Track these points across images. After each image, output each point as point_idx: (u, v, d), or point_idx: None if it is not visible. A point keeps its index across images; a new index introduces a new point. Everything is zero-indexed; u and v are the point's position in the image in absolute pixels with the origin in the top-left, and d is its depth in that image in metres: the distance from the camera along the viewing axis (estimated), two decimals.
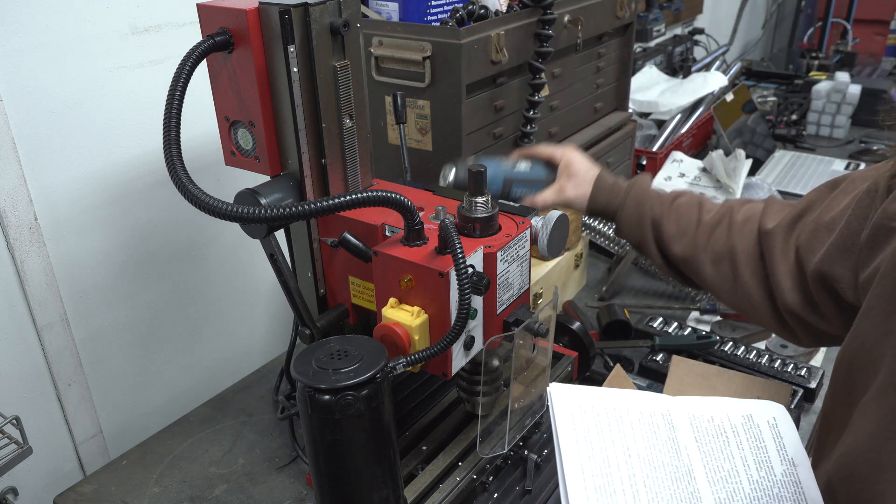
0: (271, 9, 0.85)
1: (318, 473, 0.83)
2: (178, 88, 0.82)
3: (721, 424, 0.88)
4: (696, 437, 0.86)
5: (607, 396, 0.88)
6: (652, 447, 0.84)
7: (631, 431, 0.85)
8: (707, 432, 0.87)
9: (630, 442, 0.84)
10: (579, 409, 0.85)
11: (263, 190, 0.92)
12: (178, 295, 1.38)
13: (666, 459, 0.83)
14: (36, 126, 1.09)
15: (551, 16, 1.40)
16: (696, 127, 2.32)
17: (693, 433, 0.86)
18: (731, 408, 0.90)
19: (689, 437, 0.86)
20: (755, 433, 0.87)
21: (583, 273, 1.63)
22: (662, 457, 0.83)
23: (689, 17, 3.20)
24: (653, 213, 1.12)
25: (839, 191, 0.96)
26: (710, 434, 0.86)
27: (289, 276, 0.99)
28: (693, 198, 1.14)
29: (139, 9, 1.18)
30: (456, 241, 0.82)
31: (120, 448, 1.29)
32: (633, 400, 0.89)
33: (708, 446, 0.85)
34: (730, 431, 0.87)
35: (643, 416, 0.87)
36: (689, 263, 1.10)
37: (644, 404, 0.88)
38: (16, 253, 1.10)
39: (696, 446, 0.85)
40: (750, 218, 1.07)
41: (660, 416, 0.87)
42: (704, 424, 0.87)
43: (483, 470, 1.02)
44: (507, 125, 1.45)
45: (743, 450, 0.85)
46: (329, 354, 0.80)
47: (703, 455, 0.84)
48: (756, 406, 0.90)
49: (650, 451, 0.83)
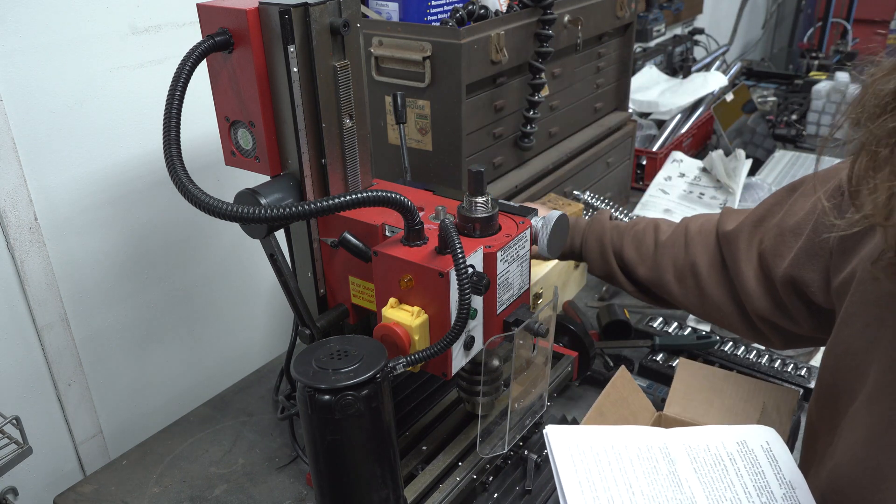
0: (271, 9, 0.85)
1: (318, 473, 0.83)
2: (178, 88, 0.82)
3: (718, 453, 0.90)
4: (696, 469, 0.87)
5: (604, 434, 0.90)
6: (654, 483, 0.85)
7: (631, 468, 0.86)
8: (705, 462, 0.88)
9: (632, 479, 0.85)
10: (578, 449, 0.87)
11: (263, 190, 0.92)
12: (178, 295, 1.38)
13: (669, 494, 0.84)
14: (36, 126, 1.09)
15: (551, 16, 1.40)
16: (696, 127, 2.32)
17: (692, 464, 0.88)
18: (725, 436, 0.92)
19: (689, 469, 0.87)
20: (751, 459, 0.88)
21: (583, 273, 1.63)
22: (665, 491, 0.84)
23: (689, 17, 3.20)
24: (613, 245, 1.17)
25: (799, 194, 0.96)
26: (709, 464, 0.88)
27: (289, 276, 0.99)
28: (650, 222, 1.18)
29: (139, 9, 1.18)
30: (456, 241, 0.82)
31: (120, 448, 1.29)
32: (629, 436, 0.90)
33: (708, 476, 0.87)
34: (727, 460, 0.88)
35: (641, 451, 0.88)
36: (656, 285, 1.12)
37: (641, 439, 0.90)
38: (16, 253, 1.10)
39: (696, 478, 0.86)
40: (705, 227, 1.09)
41: (657, 451, 0.88)
42: (702, 455, 0.89)
43: (483, 470, 1.02)
44: (507, 125, 1.45)
45: (742, 477, 0.86)
46: (329, 354, 0.80)
47: (704, 486, 0.85)
48: (748, 432, 0.92)
49: (652, 486, 0.84)
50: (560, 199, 1.51)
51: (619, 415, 1.07)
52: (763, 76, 3.11)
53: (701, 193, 2.00)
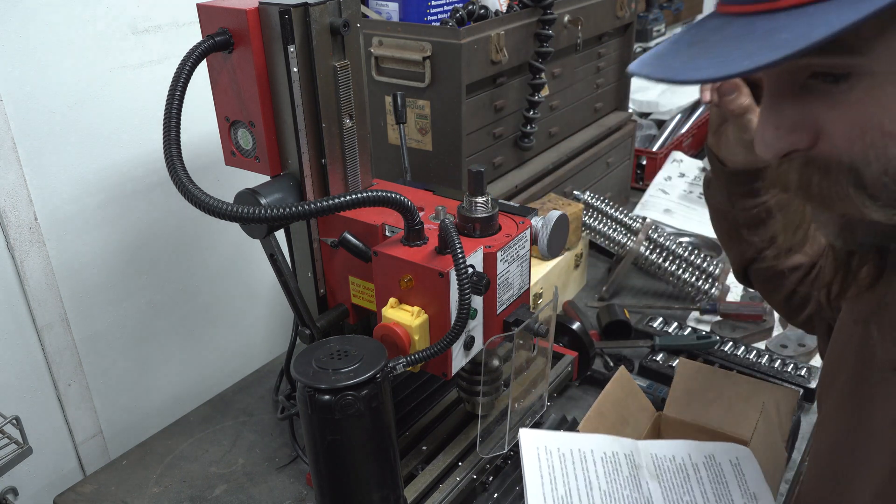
0: (271, 9, 0.85)
1: (318, 473, 0.83)
2: (178, 88, 0.82)
3: (683, 463, 0.91)
4: (658, 475, 0.88)
5: (574, 439, 0.91)
6: (614, 481, 0.86)
7: (594, 468, 0.88)
8: (669, 470, 0.90)
9: (592, 477, 0.86)
10: (545, 450, 0.89)
11: (263, 190, 0.92)
12: (178, 295, 1.38)
13: (626, 492, 0.85)
14: (36, 126, 1.09)
15: (551, 16, 1.40)
16: (696, 127, 2.32)
17: (655, 470, 0.89)
18: (694, 449, 0.93)
19: (651, 474, 0.88)
20: (717, 471, 0.89)
21: (583, 273, 1.63)
22: (623, 490, 0.86)
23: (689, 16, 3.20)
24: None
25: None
26: (672, 471, 0.89)
27: (289, 276, 0.99)
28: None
29: (139, 9, 1.18)
30: (456, 241, 0.82)
31: (120, 448, 1.29)
32: (598, 442, 0.91)
33: (669, 482, 0.88)
34: (691, 469, 0.90)
35: (607, 455, 0.90)
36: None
37: (608, 446, 0.91)
38: (16, 253, 1.10)
39: (657, 482, 0.88)
40: None
41: (623, 456, 0.90)
42: (666, 463, 0.90)
43: (483, 470, 1.02)
44: (507, 125, 1.45)
45: (703, 484, 0.87)
46: (329, 354, 0.80)
47: (664, 489, 0.87)
48: (719, 448, 0.93)
49: (611, 484, 0.86)
50: (560, 199, 1.51)
51: (619, 415, 1.07)
52: None
53: (701, 193, 2.00)
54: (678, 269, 1.55)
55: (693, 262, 1.56)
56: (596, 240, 1.61)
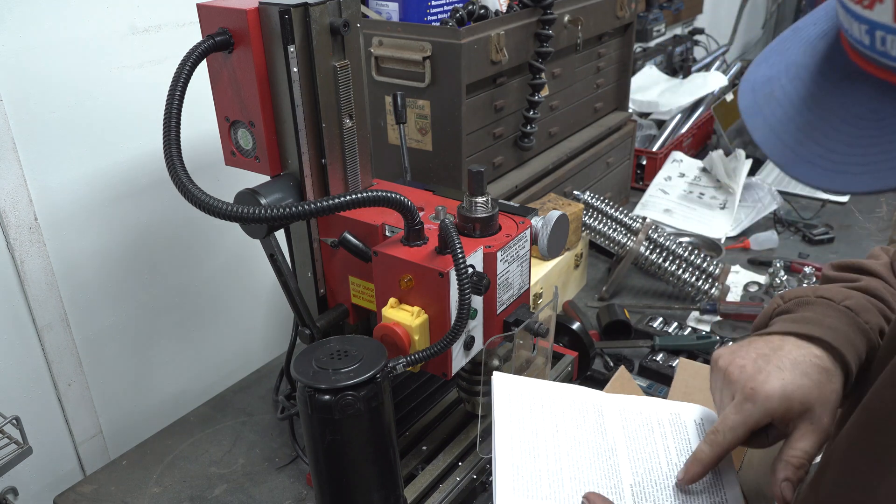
0: (271, 9, 0.85)
1: (318, 473, 0.83)
2: (178, 88, 0.82)
3: (648, 417, 0.91)
4: (623, 426, 0.90)
5: (545, 387, 0.92)
6: (579, 427, 0.87)
7: (562, 413, 0.88)
8: (634, 422, 0.90)
9: (559, 421, 0.87)
10: (517, 394, 0.89)
11: (263, 190, 0.92)
12: (178, 295, 1.38)
13: (591, 437, 0.86)
14: (36, 126, 1.09)
15: (551, 16, 1.40)
16: (696, 127, 2.32)
17: (621, 421, 0.90)
18: (662, 406, 0.93)
19: (616, 424, 0.89)
20: (680, 427, 0.91)
21: (583, 273, 1.63)
22: (588, 435, 0.86)
23: (689, 16, 3.20)
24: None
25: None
26: (637, 424, 0.90)
27: (289, 276, 0.99)
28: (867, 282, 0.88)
29: (139, 9, 1.18)
30: (456, 241, 0.82)
31: (120, 448, 1.29)
32: (569, 392, 0.92)
33: (633, 433, 0.88)
34: (655, 423, 0.90)
35: (575, 403, 0.91)
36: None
37: (579, 396, 0.92)
38: (16, 253, 1.10)
39: (622, 431, 0.88)
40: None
41: (591, 406, 0.91)
42: (633, 416, 0.91)
43: (483, 470, 1.02)
44: (507, 125, 1.45)
45: (666, 438, 0.88)
46: (329, 354, 0.80)
47: (627, 438, 0.87)
48: (685, 407, 0.94)
49: (577, 429, 0.87)
50: (560, 199, 1.51)
51: None
52: None
53: (701, 193, 2.00)
54: (678, 269, 1.55)
55: (693, 262, 1.56)
56: (596, 240, 1.61)
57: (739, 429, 0.75)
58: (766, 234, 1.80)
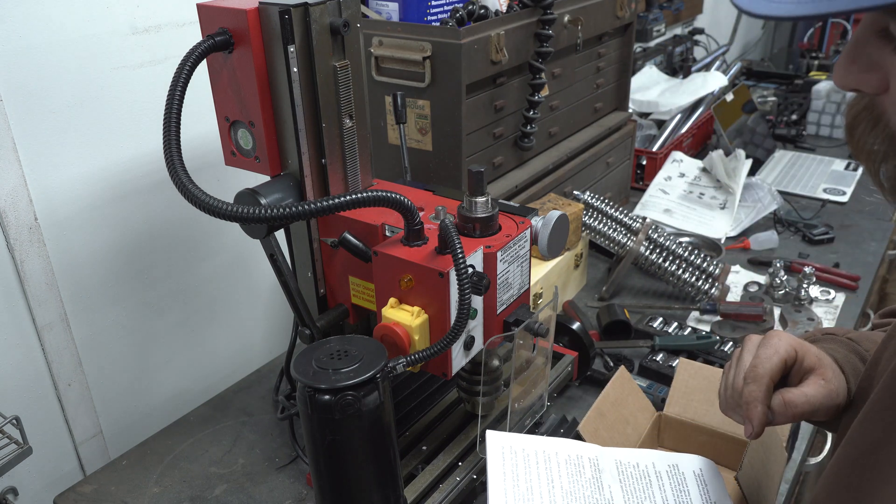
0: (271, 9, 0.85)
1: (318, 473, 0.83)
2: (177, 88, 0.82)
3: (646, 469, 0.91)
4: (621, 479, 0.89)
5: (540, 443, 0.92)
6: (576, 482, 0.87)
7: (557, 469, 0.88)
8: (631, 476, 0.90)
9: (555, 476, 0.87)
10: (511, 450, 0.89)
11: (263, 190, 0.92)
12: (178, 295, 1.38)
13: (587, 493, 0.85)
14: (36, 126, 1.09)
15: (551, 16, 1.40)
16: (696, 127, 2.32)
17: (618, 475, 0.89)
18: (659, 458, 0.93)
19: (613, 478, 0.89)
20: (679, 479, 0.90)
21: (583, 273, 1.63)
22: (584, 490, 0.86)
23: (689, 16, 3.19)
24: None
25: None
26: (634, 477, 0.90)
27: (289, 276, 0.99)
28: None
29: (139, 9, 1.18)
30: (456, 241, 0.82)
31: (120, 448, 1.29)
32: (564, 446, 0.92)
33: (631, 486, 0.88)
34: (653, 475, 0.90)
35: (571, 457, 0.90)
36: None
37: (574, 450, 0.92)
38: (16, 253, 1.10)
39: (619, 485, 0.88)
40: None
41: (587, 460, 0.91)
42: (630, 469, 0.90)
43: (483, 470, 1.02)
44: (507, 125, 1.45)
45: (665, 491, 0.88)
46: (329, 354, 0.80)
47: (625, 493, 0.87)
48: (683, 458, 0.93)
49: (574, 485, 0.86)
50: (560, 199, 1.51)
51: (619, 415, 1.07)
52: (763, 76, 3.11)
53: (701, 193, 2.00)
54: (678, 269, 1.55)
55: (693, 262, 1.56)
56: (596, 240, 1.61)
57: (773, 357, 0.76)
58: (766, 234, 1.80)
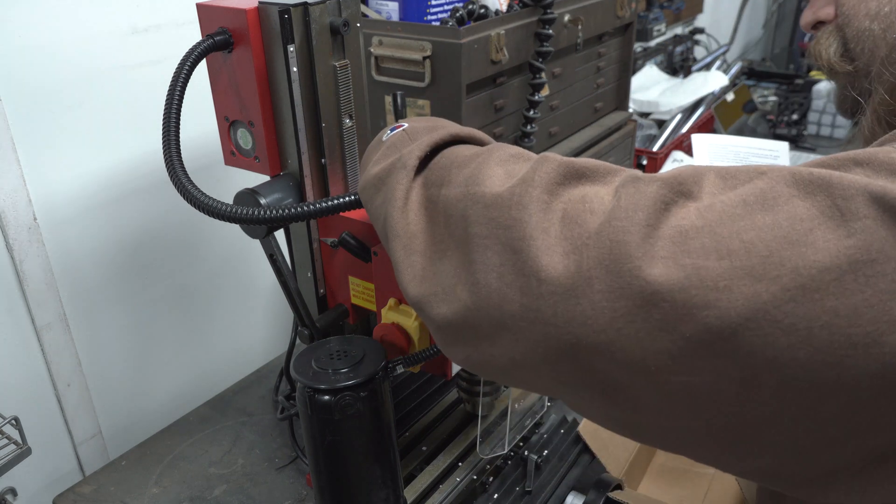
0: (271, 8, 0.85)
1: (318, 474, 0.83)
2: (177, 88, 0.82)
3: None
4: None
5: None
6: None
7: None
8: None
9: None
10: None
11: (263, 190, 0.92)
12: (178, 295, 1.38)
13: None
14: (36, 126, 1.09)
15: (551, 15, 1.40)
16: (696, 127, 2.32)
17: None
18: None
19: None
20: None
21: None
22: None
23: (689, 16, 3.19)
24: None
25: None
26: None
27: (288, 276, 0.99)
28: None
29: (139, 9, 1.18)
30: None
31: (119, 448, 1.29)
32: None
33: None
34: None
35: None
36: None
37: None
38: (15, 253, 1.10)
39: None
40: None
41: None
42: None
43: (483, 470, 1.02)
44: (507, 125, 1.45)
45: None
46: (329, 354, 0.80)
47: None
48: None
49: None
50: None
51: None
52: (764, 76, 3.11)
53: None
54: None
55: None
56: None
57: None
58: None
